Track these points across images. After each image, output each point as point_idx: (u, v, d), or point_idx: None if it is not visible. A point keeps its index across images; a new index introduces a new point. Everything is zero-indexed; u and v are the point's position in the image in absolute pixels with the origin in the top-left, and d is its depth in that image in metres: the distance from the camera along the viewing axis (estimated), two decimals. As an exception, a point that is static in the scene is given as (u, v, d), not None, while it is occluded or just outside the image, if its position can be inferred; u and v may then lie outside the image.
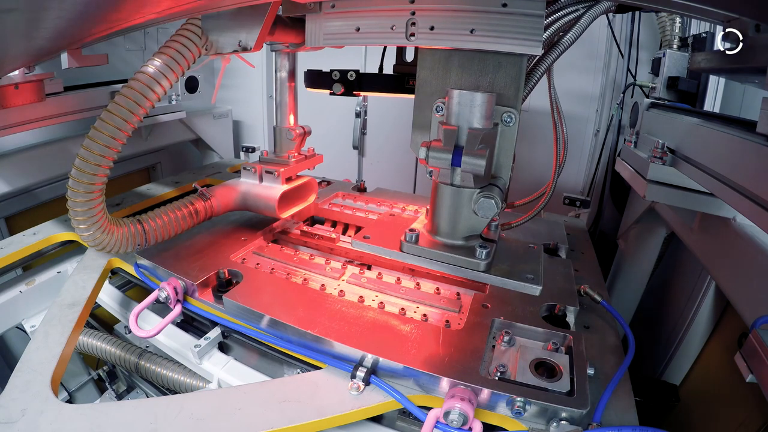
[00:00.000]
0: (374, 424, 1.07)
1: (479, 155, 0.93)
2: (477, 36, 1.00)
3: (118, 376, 2.18)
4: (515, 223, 1.51)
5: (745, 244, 1.32)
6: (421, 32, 1.05)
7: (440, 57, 1.13)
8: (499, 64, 1.06)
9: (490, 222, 1.19)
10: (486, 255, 1.09)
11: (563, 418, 0.91)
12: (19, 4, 0.82)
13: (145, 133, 2.64)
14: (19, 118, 1.83)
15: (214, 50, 1.35)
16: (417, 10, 1.04)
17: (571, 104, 2.72)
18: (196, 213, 1.57)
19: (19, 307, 1.62)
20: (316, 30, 1.23)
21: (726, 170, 1.06)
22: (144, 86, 1.27)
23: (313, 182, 1.88)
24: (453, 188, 1.05)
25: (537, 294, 1.08)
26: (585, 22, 1.03)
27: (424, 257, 1.11)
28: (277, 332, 1.19)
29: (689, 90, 1.92)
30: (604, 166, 2.63)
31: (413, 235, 1.13)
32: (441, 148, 0.98)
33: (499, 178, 1.13)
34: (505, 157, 1.11)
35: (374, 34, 1.13)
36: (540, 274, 1.10)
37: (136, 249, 1.44)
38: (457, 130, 0.98)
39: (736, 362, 0.89)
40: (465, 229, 1.11)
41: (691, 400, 1.68)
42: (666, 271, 2.23)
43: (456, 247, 1.11)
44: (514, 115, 1.06)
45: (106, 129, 1.23)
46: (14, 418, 0.95)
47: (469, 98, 0.99)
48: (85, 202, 1.25)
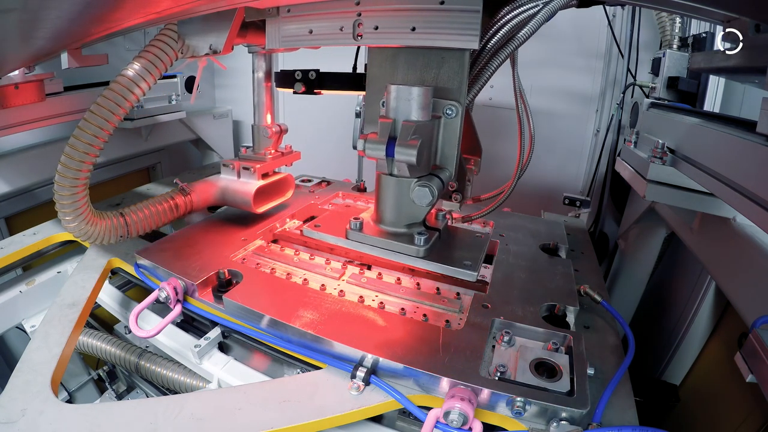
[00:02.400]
0: (374, 424, 1.07)
1: (411, 145, 0.97)
2: (418, 33, 1.06)
3: (118, 376, 2.18)
4: (475, 215, 1.56)
5: (745, 244, 1.32)
6: (367, 32, 1.13)
7: (387, 55, 1.18)
8: (443, 60, 1.11)
9: (438, 211, 1.24)
10: (424, 242, 1.12)
11: (563, 418, 0.91)
12: (19, 4, 0.82)
13: (145, 133, 2.64)
14: (19, 118, 1.83)
15: (189, 53, 1.43)
16: (363, 11, 1.12)
17: (571, 104, 2.72)
18: (176, 207, 1.65)
19: (19, 307, 1.62)
20: (274, 33, 1.32)
21: (726, 170, 1.06)
22: (124, 88, 1.35)
23: (290, 178, 1.93)
24: (394, 178, 1.10)
25: (473, 280, 1.12)
26: (542, 17, 1.06)
27: (367, 244, 1.16)
28: (277, 332, 1.19)
29: (689, 90, 1.92)
30: (604, 166, 2.63)
31: (357, 223, 1.18)
32: (376, 140, 1.02)
33: (444, 169, 1.15)
34: (450, 149, 1.14)
35: (325, 36, 1.21)
36: (478, 261, 1.14)
37: (118, 240, 1.50)
38: (393, 122, 1.02)
39: (736, 362, 0.89)
40: (406, 217, 1.16)
41: (691, 400, 1.68)
42: (666, 271, 2.23)
43: (398, 234, 1.16)
44: (455, 108, 1.10)
45: (88, 128, 1.31)
46: (14, 418, 0.95)
47: (405, 92, 1.03)
48: (70, 195, 1.33)
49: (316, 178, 2.43)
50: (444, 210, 1.25)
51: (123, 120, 1.41)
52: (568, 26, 2.60)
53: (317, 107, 2.79)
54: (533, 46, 2.72)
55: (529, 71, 2.74)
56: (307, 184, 2.37)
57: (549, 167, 2.86)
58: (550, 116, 2.77)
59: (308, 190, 2.26)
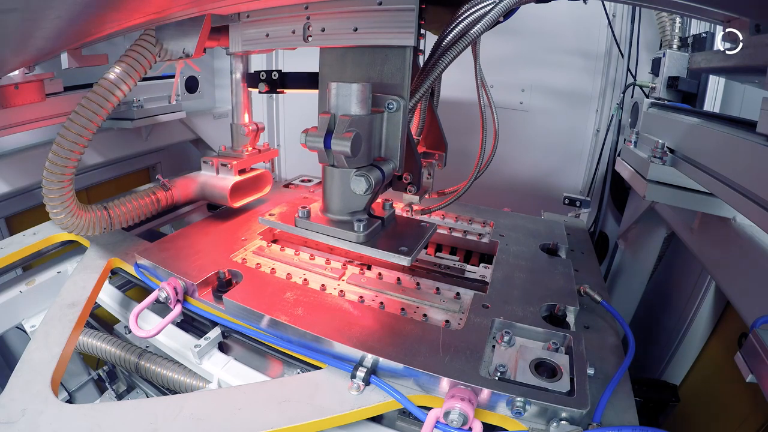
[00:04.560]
0: (374, 424, 1.07)
1: (345, 137, 1.03)
2: (360, 33, 1.15)
3: (118, 376, 2.18)
4: (434, 207, 1.61)
5: (745, 244, 1.32)
6: (316, 34, 1.22)
7: (337, 54, 1.25)
8: (386, 57, 1.17)
9: (384, 201, 1.31)
10: (363, 228, 1.17)
11: (563, 418, 0.91)
12: (19, 4, 0.82)
13: (145, 133, 2.64)
14: (19, 118, 1.83)
15: (167, 57, 1.52)
16: (311, 15, 1.22)
17: (571, 104, 2.72)
18: (157, 201, 1.75)
19: (19, 307, 1.62)
20: (236, 37, 1.43)
21: (726, 170, 1.06)
22: (106, 91, 1.45)
23: (267, 174, 2.01)
24: (336, 169, 1.16)
25: (407, 265, 1.17)
26: (495, 14, 1.11)
27: (312, 230, 1.23)
28: (277, 332, 1.19)
29: (689, 90, 1.92)
30: (604, 166, 2.63)
31: (305, 211, 1.24)
32: (315, 133, 1.08)
33: (388, 161, 1.20)
34: (393, 141, 1.20)
35: (280, 38, 1.32)
36: (416, 248, 1.18)
37: (102, 231, 1.59)
38: (331, 116, 1.08)
39: (736, 362, 0.89)
40: (348, 205, 1.22)
41: (691, 400, 1.68)
42: (666, 271, 2.23)
43: (341, 222, 1.22)
44: (396, 102, 1.16)
45: (73, 128, 1.40)
46: (14, 418, 0.95)
47: (344, 89, 1.08)
48: (57, 189, 1.41)
49: (316, 179, 2.43)
50: (391, 200, 1.32)
51: (119, 120, 1.50)
52: (568, 26, 2.60)
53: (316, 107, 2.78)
54: (533, 45, 2.75)
55: (529, 71, 2.74)
56: (308, 184, 2.37)
57: (549, 167, 2.86)
58: (550, 116, 2.77)
59: (308, 191, 2.26)
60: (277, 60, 3.12)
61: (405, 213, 1.63)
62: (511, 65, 2.71)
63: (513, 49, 2.67)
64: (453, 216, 1.91)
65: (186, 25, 1.45)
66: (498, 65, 2.71)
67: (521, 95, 2.79)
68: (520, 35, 2.63)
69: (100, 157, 2.39)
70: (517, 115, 2.81)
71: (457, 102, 2.66)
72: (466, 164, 1.50)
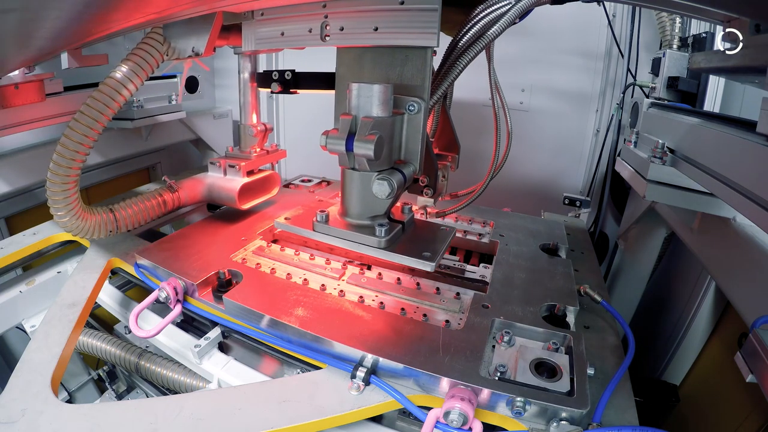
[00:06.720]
0: (374, 424, 1.07)
1: (368, 140, 1.00)
2: (380, 33, 1.11)
3: (118, 376, 2.18)
4: (449, 210, 1.60)
5: (745, 244, 1.32)
6: (334, 33, 1.18)
7: (354, 54, 1.22)
8: (406, 58, 1.14)
9: (404, 205, 1.28)
10: (385, 233, 1.15)
11: (563, 418, 0.91)
12: (18, 4, 0.82)
13: (145, 133, 2.64)
14: (19, 118, 1.83)
15: (174, 55, 1.49)
16: (329, 14, 1.18)
17: (572, 104, 2.72)
18: (164, 203, 1.70)
19: (19, 307, 1.62)
20: (249, 35, 1.39)
21: (726, 170, 1.06)
22: (112, 90, 1.41)
23: (276, 176, 1.96)
24: (356, 172, 1.13)
25: (431, 270, 1.15)
26: (512, 15, 1.10)
27: (331, 235, 1.20)
28: (277, 332, 1.19)
29: (689, 90, 1.92)
30: (604, 166, 2.63)
31: (324, 216, 1.21)
32: (337, 135, 1.05)
33: (408, 164, 1.18)
34: (414, 144, 1.17)
35: (296, 37, 1.27)
36: (438, 253, 1.16)
37: (108, 234, 1.55)
38: (353, 118, 1.05)
39: (736, 362, 0.89)
40: (369, 209, 1.19)
41: (691, 400, 1.68)
42: (666, 271, 2.23)
43: (361, 226, 1.19)
44: (417, 104, 1.13)
45: (78, 128, 1.36)
46: (14, 418, 0.95)
47: (365, 90, 1.05)
48: (62, 192, 1.38)
49: (317, 179, 2.43)
50: (410, 204, 1.30)
51: (119, 120, 1.46)
52: (568, 26, 2.60)
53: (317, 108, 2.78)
54: (533, 46, 2.74)
55: (529, 71, 2.74)
56: (308, 183, 2.37)
57: (549, 167, 2.86)
58: (550, 116, 2.77)
59: (308, 190, 2.26)
60: (278, 60, 3.13)
61: (420, 216, 1.61)
62: (511, 65, 2.71)
63: (513, 49, 2.67)
64: (453, 216, 1.91)
65: (195, 23, 1.41)
66: (498, 65, 2.69)
67: (521, 95, 2.79)
68: (520, 35, 2.63)
69: (100, 157, 2.39)
70: (517, 115, 2.81)
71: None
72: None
